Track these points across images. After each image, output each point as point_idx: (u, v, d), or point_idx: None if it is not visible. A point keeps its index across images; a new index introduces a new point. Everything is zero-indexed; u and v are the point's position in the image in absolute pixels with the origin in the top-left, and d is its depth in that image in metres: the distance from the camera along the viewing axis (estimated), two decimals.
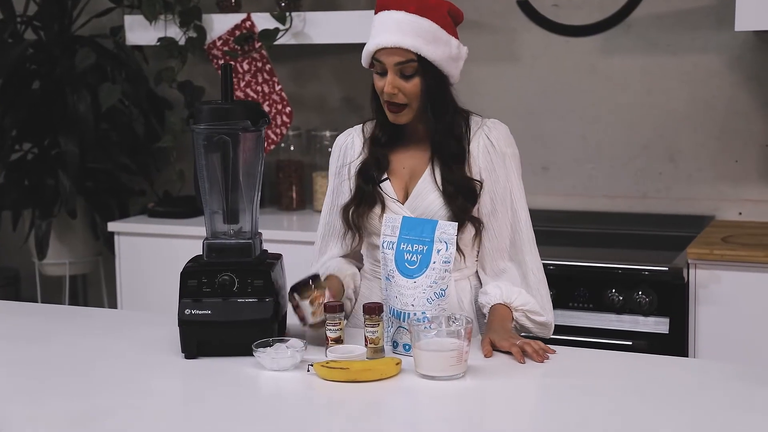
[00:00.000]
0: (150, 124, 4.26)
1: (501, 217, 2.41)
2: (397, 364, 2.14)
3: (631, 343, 3.24)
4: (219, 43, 4.04)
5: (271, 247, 2.45)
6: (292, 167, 4.14)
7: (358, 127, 2.53)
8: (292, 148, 4.19)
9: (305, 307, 2.27)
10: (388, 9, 2.34)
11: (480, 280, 2.46)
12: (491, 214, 2.41)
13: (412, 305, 2.25)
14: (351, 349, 2.22)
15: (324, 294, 2.28)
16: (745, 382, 2.09)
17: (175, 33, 4.03)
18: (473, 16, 3.81)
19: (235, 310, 2.27)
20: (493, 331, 2.30)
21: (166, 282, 3.51)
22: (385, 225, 2.32)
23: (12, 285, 4.63)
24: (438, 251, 2.25)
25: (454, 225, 2.27)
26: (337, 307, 2.26)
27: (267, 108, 3.99)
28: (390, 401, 2.07)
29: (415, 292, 2.25)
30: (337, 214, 2.50)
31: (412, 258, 2.26)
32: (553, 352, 2.24)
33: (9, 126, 4.12)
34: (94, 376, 2.22)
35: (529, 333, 2.42)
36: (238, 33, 3.99)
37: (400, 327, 2.27)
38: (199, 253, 2.38)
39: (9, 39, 4.20)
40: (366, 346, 2.22)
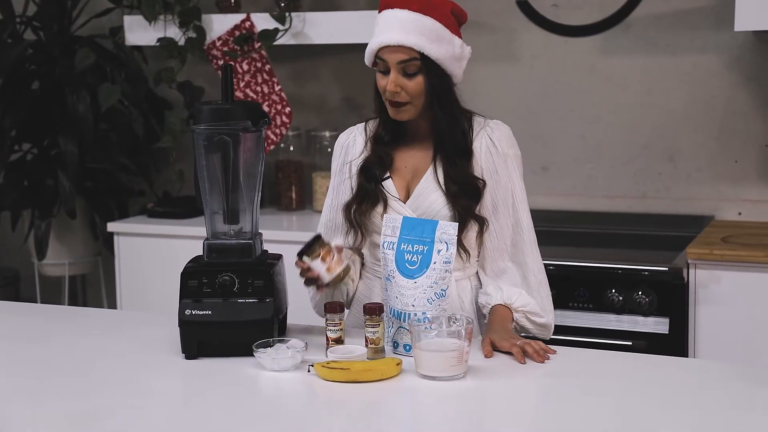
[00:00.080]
0: (149, 125, 4.26)
1: (502, 217, 2.41)
2: (397, 364, 2.14)
3: (630, 343, 3.24)
4: (218, 43, 4.03)
5: (270, 248, 2.44)
6: (292, 167, 4.14)
7: (361, 125, 2.53)
8: (292, 148, 4.19)
9: (317, 266, 2.25)
10: (392, 7, 2.35)
11: (480, 280, 2.46)
12: (493, 215, 2.41)
13: (413, 305, 2.25)
14: (351, 350, 2.22)
15: (333, 249, 2.27)
16: (745, 382, 2.09)
17: (174, 33, 4.03)
18: (473, 16, 3.75)
19: (235, 310, 2.27)
20: (493, 332, 2.30)
21: (165, 282, 3.52)
22: (386, 225, 2.32)
23: (11, 285, 4.62)
24: (438, 251, 2.25)
25: (455, 225, 2.27)
26: (337, 307, 2.26)
27: (266, 108, 3.98)
28: (390, 402, 2.07)
29: (416, 292, 2.25)
30: (337, 211, 2.49)
31: (412, 258, 2.26)
32: (554, 352, 2.24)
33: (8, 126, 4.11)
34: (93, 376, 2.22)
35: (528, 334, 2.41)
36: (237, 33, 3.99)
37: (400, 327, 2.27)
38: (199, 254, 2.38)
39: (8, 39, 4.19)
40: (366, 346, 2.22)
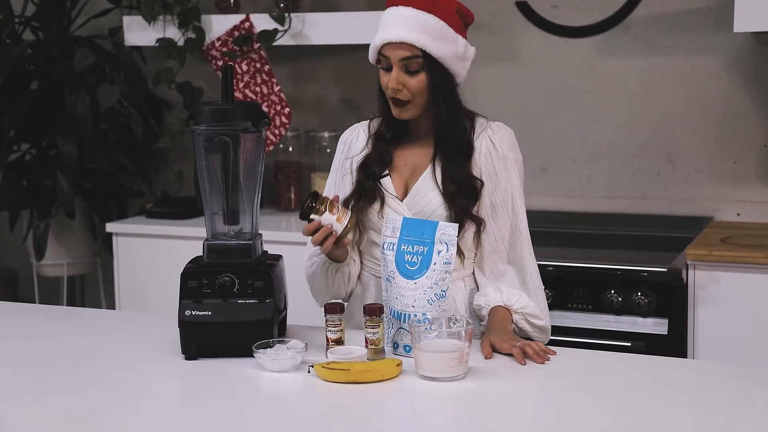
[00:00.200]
0: (148, 125, 4.26)
1: (501, 219, 2.41)
2: (397, 365, 2.14)
3: (630, 344, 3.24)
4: (218, 44, 4.03)
5: (269, 248, 2.44)
6: (291, 168, 4.14)
7: (365, 122, 2.53)
8: (291, 149, 4.19)
9: (327, 218, 2.26)
10: (396, 5, 2.35)
11: (476, 282, 2.46)
12: (491, 217, 2.41)
13: (413, 306, 2.25)
14: (351, 351, 2.22)
15: (336, 200, 2.30)
16: (744, 383, 2.09)
17: (173, 34, 4.03)
18: None
19: (235, 311, 2.27)
20: (493, 333, 2.30)
21: (164, 283, 3.52)
22: (386, 226, 2.32)
23: (10, 286, 4.62)
24: (439, 252, 2.24)
25: (455, 226, 2.27)
26: (337, 308, 2.26)
27: (266, 109, 3.98)
28: (391, 402, 2.07)
29: (416, 293, 2.25)
30: None
31: (412, 259, 2.26)
32: (554, 353, 2.24)
33: (7, 126, 4.11)
34: (92, 376, 2.22)
35: (526, 337, 2.41)
36: (236, 34, 3.99)
37: (400, 328, 2.26)
38: (199, 254, 2.37)
39: (7, 39, 4.20)
40: (366, 347, 2.22)
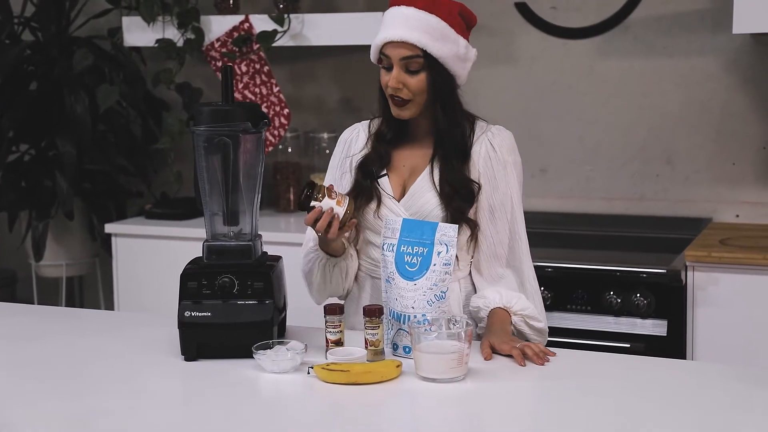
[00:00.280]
0: (147, 126, 4.26)
1: (500, 223, 2.41)
2: (397, 366, 2.14)
3: (629, 345, 3.24)
4: (217, 44, 4.03)
5: (268, 249, 2.44)
6: (290, 169, 4.14)
7: (366, 122, 2.53)
8: (290, 150, 4.19)
9: (327, 203, 2.27)
10: (399, 5, 2.36)
11: (474, 285, 2.46)
12: (490, 220, 2.41)
13: (413, 307, 2.25)
14: (351, 352, 2.22)
15: (332, 187, 2.32)
16: (743, 384, 2.10)
17: (173, 34, 4.03)
18: None
19: (235, 312, 2.27)
20: (492, 334, 2.30)
21: (162, 284, 3.51)
22: (385, 227, 2.32)
23: (8, 286, 4.62)
24: (438, 253, 2.24)
25: (455, 227, 2.27)
26: (337, 309, 2.26)
27: (265, 110, 3.98)
28: (390, 404, 2.07)
29: (416, 294, 2.25)
30: None
31: (412, 260, 2.26)
32: (554, 354, 2.24)
33: (6, 127, 4.11)
34: (92, 377, 2.22)
35: (524, 339, 2.40)
36: (236, 35, 3.99)
37: (400, 329, 2.26)
38: (198, 255, 2.37)
39: (6, 40, 4.19)
40: (366, 348, 2.22)
